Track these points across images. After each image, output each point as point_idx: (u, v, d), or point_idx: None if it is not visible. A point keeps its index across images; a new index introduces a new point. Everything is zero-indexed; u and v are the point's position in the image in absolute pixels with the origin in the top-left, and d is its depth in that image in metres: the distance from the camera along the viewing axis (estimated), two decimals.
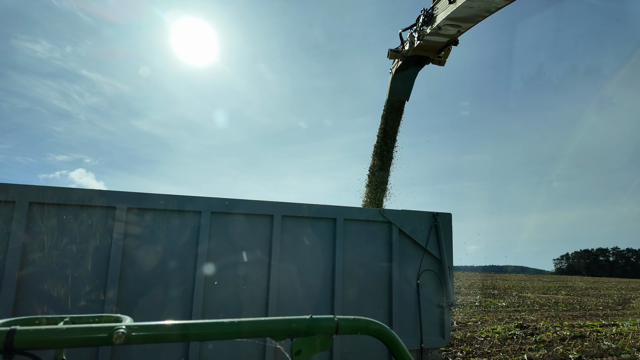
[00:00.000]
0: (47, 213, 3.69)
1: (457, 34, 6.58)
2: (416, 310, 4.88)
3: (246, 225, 4.31)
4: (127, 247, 3.87)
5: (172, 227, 4.04)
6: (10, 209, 3.56)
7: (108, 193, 3.86)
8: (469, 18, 5.95)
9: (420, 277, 4.95)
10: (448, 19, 6.04)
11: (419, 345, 4.77)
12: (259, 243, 4.32)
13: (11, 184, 3.62)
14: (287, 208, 4.46)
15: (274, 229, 4.34)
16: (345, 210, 4.73)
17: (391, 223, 4.90)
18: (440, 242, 5.07)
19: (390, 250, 4.87)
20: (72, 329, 1.05)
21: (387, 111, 8.34)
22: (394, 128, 8.33)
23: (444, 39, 6.72)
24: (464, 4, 5.57)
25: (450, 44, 7.04)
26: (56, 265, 3.67)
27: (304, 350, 1.20)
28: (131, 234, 3.89)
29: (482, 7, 5.59)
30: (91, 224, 3.80)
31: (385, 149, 8.29)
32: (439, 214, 5.14)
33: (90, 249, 3.77)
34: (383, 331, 1.29)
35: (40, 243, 3.65)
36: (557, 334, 10.15)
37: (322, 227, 4.63)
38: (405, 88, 8.15)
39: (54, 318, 1.45)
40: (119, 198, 3.87)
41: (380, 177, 8.26)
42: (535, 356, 8.06)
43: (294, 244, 4.48)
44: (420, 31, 6.73)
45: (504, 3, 5.48)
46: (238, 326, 1.16)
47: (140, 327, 1.09)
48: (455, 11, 5.78)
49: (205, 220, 4.08)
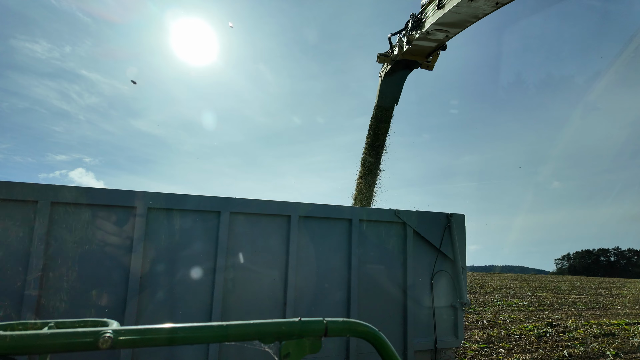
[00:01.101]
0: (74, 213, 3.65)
1: (446, 39, 6.67)
2: (430, 310, 4.90)
3: (265, 226, 4.30)
4: (147, 247, 3.85)
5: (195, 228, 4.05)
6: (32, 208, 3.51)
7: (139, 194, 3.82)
8: (457, 23, 6.03)
9: (433, 278, 4.98)
10: (436, 24, 6.12)
11: (433, 345, 4.80)
12: (276, 244, 4.32)
13: (34, 183, 3.56)
14: (304, 209, 4.46)
15: (291, 230, 4.34)
16: (360, 211, 4.76)
17: (405, 224, 4.91)
18: (453, 243, 5.10)
19: (404, 251, 4.88)
20: (56, 334, 1.03)
21: (376, 114, 8.40)
22: (383, 131, 8.40)
23: (432, 43, 6.80)
24: (452, 10, 5.65)
25: (438, 49, 7.13)
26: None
27: (293, 353, 1.20)
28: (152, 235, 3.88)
29: (470, 12, 5.68)
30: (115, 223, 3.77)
31: (374, 152, 8.35)
32: (452, 214, 5.15)
33: (114, 250, 3.74)
34: (371, 333, 1.30)
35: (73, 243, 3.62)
36: (587, 332, 10.53)
37: (338, 227, 4.64)
38: (394, 92, 8.22)
39: (38, 323, 1.42)
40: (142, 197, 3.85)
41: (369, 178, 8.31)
42: (574, 352, 8.41)
43: (311, 245, 4.48)
44: (409, 36, 6.80)
45: (490, 9, 5.57)
46: (226, 329, 1.15)
47: (127, 330, 1.08)
48: (444, 16, 5.86)
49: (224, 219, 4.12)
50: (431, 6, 6.20)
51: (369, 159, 8.35)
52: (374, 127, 8.38)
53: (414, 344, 4.68)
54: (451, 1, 5.64)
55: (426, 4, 6.40)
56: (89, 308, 3.59)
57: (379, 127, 8.34)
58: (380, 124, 8.33)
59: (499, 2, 5.38)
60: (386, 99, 8.27)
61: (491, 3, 5.41)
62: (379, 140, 8.35)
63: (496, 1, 5.36)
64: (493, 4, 5.42)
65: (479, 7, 5.52)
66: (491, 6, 5.49)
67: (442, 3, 5.84)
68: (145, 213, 3.80)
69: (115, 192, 3.74)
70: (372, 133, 8.40)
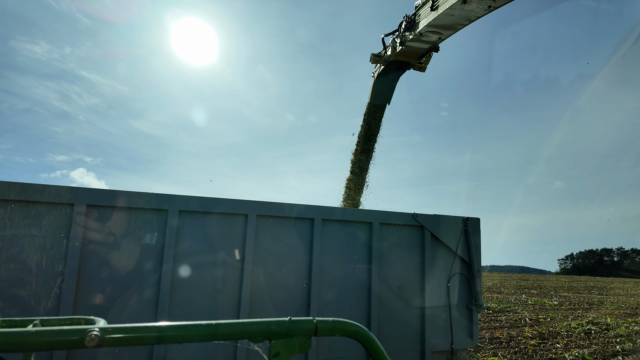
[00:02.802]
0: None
1: (438, 41, 6.71)
2: (446, 311, 5.01)
3: (290, 229, 4.41)
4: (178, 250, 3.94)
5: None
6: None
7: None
8: (450, 25, 6.08)
9: (450, 280, 5.09)
10: (430, 26, 6.15)
11: (450, 346, 4.90)
12: (300, 247, 4.42)
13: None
14: (325, 212, 4.56)
15: (314, 233, 4.43)
16: (380, 214, 4.83)
17: (423, 227, 5.01)
18: (469, 246, 5.21)
19: (422, 254, 4.98)
20: (42, 332, 1.01)
21: (369, 114, 8.43)
22: (375, 131, 8.43)
23: (425, 45, 6.84)
24: (446, 12, 5.68)
25: (431, 51, 7.17)
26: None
27: (282, 352, 1.20)
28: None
29: (463, 15, 5.72)
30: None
31: (365, 151, 8.38)
32: (468, 218, 5.28)
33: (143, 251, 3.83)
34: (361, 333, 1.30)
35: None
36: (629, 329, 11.20)
37: (358, 230, 4.73)
38: (387, 92, 8.25)
39: (23, 320, 1.40)
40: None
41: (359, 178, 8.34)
42: (625, 347, 9.00)
43: (333, 248, 4.58)
44: (402, 37, 6.82)
45: (483, 12, 5.62)
46: (215, 328, 1.14)
47: (114, 329, 1.06)
48: (437, 18, 5.90)
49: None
50: (424, 8, 6.23)
51: (359, 157, 8.38)
52: (366, 126, 8.42)
53: (431, 345, 4.80)
54: (444, 3, 5.68)
55: (420, 5, 6.43)
56: (124, 308, 3.65)
57: (371, 125, 8.38)
58: (372, 121, 8.36)
59: (491, 5, 5.43)
60: (378, 98, 8.31)
61: (484, 6, 5.46)
62: (370, 139, 8.38)
63: (489, 4, 5.41)
64: (486, 7, 5.47)
65: (472, 10, 5.56)
66: (484, 9, 5.54)
67: (435, 5, 5.88)
68: (177, 216, 3.88)
69: (150, 195, 3.81)
70: (363, 132, 8.44)
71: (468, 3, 5.37)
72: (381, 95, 8.29)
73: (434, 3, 5.89)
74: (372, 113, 8.39)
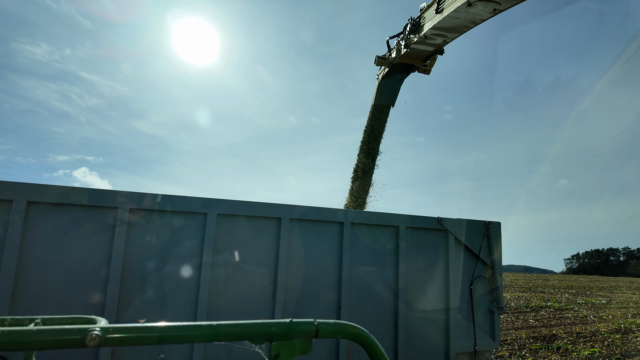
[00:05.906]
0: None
1: (443, 44, 6.70)
2: (469, 314, 5.10)
3: (318, 233, 4.46)
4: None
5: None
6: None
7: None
8: (455, 28, 6.06)
9: (472, 283, 5.18)
10: (434, 29, 6.14)
11: (473, 347, 4.99)
12: (332, 250, 4.50)
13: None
14: (354, 215, 4.65)
15: (344, 237, 4.49)
16: (407, 218, 4.89)
17: (448, 231, 5.08)
18: (491, 250, 5.29)
19: (447, 257, 5.05)
20: (43, 331, 1.01)
21: (373, 116, 8.42)
22: (379, 133, 8.42)
23: (430, 47, 6.83)
24: (451, 15, 5.67)
25: (436, 53, 7.16)
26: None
27: (283, 354, 1.19)
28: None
29: (468, 18, 5.71)
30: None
31: (370, 153, 8.37)
32: (490, 222, 5.36)
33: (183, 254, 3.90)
34: (362, 335, 1.29)
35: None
36: None
37: (384, 234, 4.80)
38: (391, 94, 8.24)
39: (24, 319, 1.40)
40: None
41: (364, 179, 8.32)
42: None
43: (361, 250, 4.64)
44: (407, 39, 6.82)
45: (489, 15, 5.60)
46: (217, 329, 1.14)
47: (115, 328, 1.06)
48: (442, 21, 5.89)
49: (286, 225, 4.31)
50: (430, 10, 6.22)
51: (363, 160, 8.36)
52: (370, 128, 8.41)
53: (455, 346, 4.86)
54: (450, 6, 5.67)
55: (425, 8, 6.43)
56: (164, 309, 3.73)
57: (375, 127, 8.37)
58: (376, 123, 8.36)
59: (496, 8, 5.42)
60: (383, 100, 8.31)
61: (489, 9, 5.44)
62: (374, 141, 8.37)
63: (494, 7, 5.40)
64: (491, 10, 5.45)
65: (477, 13, 5.55)
66: (489, 12, 5.52)
67: (440, 8, 5.87)
68: (214, 219, 3.96)
69: (189, 199, 3.89)
70: (367, 134, 8.43)
71: (473, 6, 5.36)
72: (385, 97, 8.29)
73: (439, 6, 5.88)
74: (376, 115, 8.39)
